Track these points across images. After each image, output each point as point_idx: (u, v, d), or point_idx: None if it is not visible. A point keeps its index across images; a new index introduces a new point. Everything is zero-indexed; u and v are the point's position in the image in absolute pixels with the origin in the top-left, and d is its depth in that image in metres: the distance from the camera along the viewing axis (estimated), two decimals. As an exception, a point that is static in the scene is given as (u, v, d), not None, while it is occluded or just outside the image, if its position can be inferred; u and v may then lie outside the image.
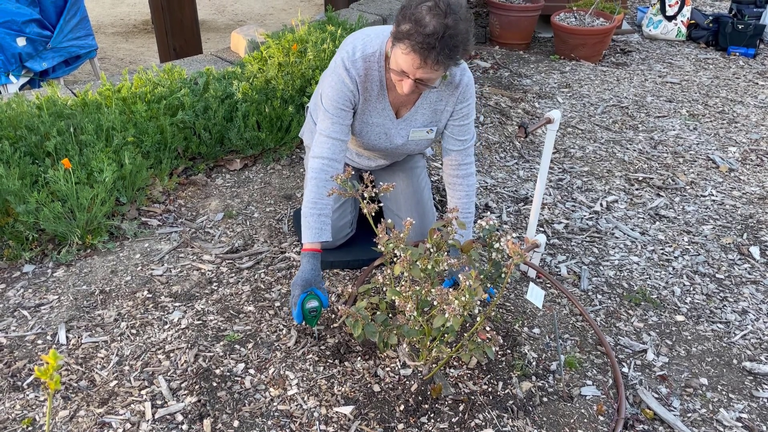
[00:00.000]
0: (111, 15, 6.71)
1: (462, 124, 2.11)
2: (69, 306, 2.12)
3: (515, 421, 1.76)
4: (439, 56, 1.71)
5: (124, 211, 2.57)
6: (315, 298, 1.90)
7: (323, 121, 2.01)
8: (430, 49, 1.69)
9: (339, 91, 1.96)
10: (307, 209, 1.97)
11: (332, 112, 1.98)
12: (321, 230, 1.96)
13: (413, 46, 1.71)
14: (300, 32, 3.38)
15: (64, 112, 2.70)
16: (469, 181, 2.17)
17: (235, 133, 2.94)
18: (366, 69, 1.97)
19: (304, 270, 1.92)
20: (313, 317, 1.91)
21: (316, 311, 1.91)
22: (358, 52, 1.95)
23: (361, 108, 2.05)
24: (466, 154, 2.15)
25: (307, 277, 1.91)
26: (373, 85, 2.00)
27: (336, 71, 1.97)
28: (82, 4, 4.38)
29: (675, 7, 5.36)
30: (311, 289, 1.91)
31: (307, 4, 7.26)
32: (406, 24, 1.72)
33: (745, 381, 1.99)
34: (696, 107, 4.13)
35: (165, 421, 1.71)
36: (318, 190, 1.97)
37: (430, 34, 1.67)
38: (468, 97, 2.06)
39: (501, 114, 3.81)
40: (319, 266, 1.95)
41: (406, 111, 2.08)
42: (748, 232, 2.78)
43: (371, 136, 2.12)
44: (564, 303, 2.27)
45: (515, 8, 4.99)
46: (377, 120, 2.08)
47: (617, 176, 3.22)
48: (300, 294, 1.89)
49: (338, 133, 2.00)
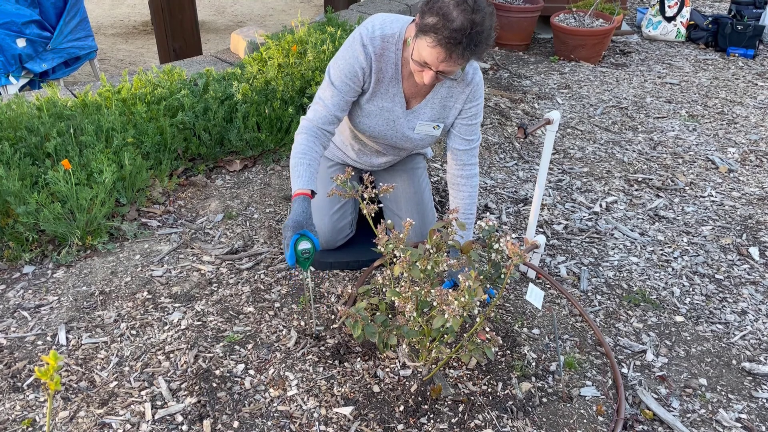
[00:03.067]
0: (111, 16, 6.71)
1: (470, 123, 2.10)
2: (69, 307, 2.12)
3: (515, 421, 1.77)
4: (465, 51, 1.71)
5: (124, 212, 2.57)
6: (307, 239, 1.85)
7: (325, 89, 1.99)
8: (456, 44, 1.69)
9: (350, 65, 1.95)
10: (297, 159, 1.94)
11: (337, 84, 1.96)
12: (311, 178, 1.92)
13: (440, 40, 1.70)
14: (300, 33, 3.39)
15: (64, 114, 2.71)
16: (473, 182, 2.17)
17: (235, 134, 2.94)
18: (383, 48, 1.95)
19: (296, 212, 1.88)
20: (306, 259, 1.86)
21: (309, 253, 1.86)
22: (378, 31, 1.94)
23: (372, 89, 2.02)
24: (472, 154, 2.15)
25: (299, 219, 1.86)
26: (388, 67, 1.99)
27: (353, 45, 1.94)
28: (81, 6, 4.38)
29: (674, 8, 5.37)
30: (303, 231, 1.86)
31: (306, 6, 7.26)
32: (432, 17, 1.70)
33: (744, 381, 1.99)
34: (695, 108, 4.14)
35: (165, 422, 1.72)
36: (307, 142, 1.95)
37: (458, 29, 1.67)
38: (478, 97, 2.07)
39: (501, 115, 3.81)
40: (310, 209, 1.90)
41: (416, 103, 2.08)
42: (748, 232, 2.79)
43: (379, 121, 2.09)
44: (563, 304, 2.27)
45: (515, 9, 5.00)
46: (387, 105, 2.06)
47: (617, 177, 3.22)
48: (292, 236, 1.84)
49: (335, 106, 1.98)
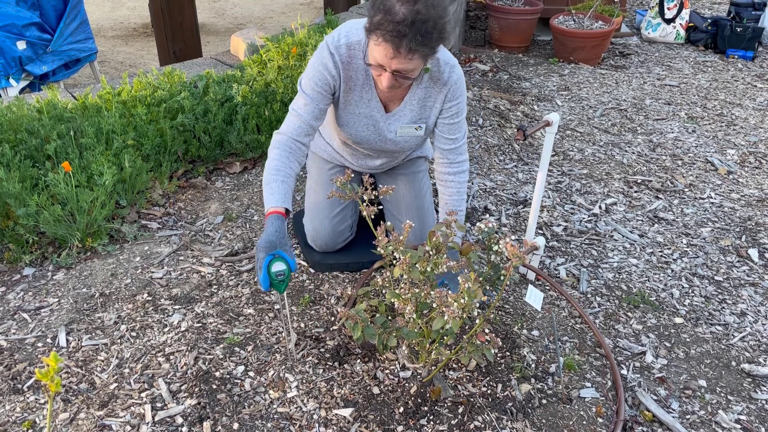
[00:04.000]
0: (111, 18, 6.72)
1: (452, 122, 2.08)
2: (69, 309, 2.13)
3: (514, 423, 1.77)
4: (411, 43, 1.68)
5: (124, 214, 2.57)
6: (281, 260, 1.76)
7: (298, 99, 2.00)
8: (401, 36, 1.67)
9: (319, 73, 1.95)
10: (270, 176, 1.89)
11: (308, 92, 1.97)
12: (285, 196, 1.87)
13: (384, 36, 1.69)
14: (299, 35, 3.39)
15: (64, 116, 2.71)
16: (460, 178, 2.16)
17: (235, 136, 2.94)
18: (350, 57, 1.96)
19: (268, 233, 1.79)
20: (281, 281, 1.76)
21: (284, 275, 1.76)
22: (343, 39, 1.95)
23: (344, 97, 2.03)
24: (458, 152, 2.14)
25: (272, 239, 1.77)
26: (357, 74, 1.99)
27: (320, 54, 1.96)
28: (82, 8, 4.39)
29: (673, 10, 5.38)
30: (277, 252, 1.76)
31: (306, 8, 7.27)
32: (377, 15, 1.70)
33: (743, 383, 2.00)
34: (695, 110, 4.14)
35: (165, 424, 1.72)
36: (280, 158, 1.92)
37: (400, 21, 1.65)
38: (458, 96, 2.03)
39: (500, 117, 3.82)
40: (284, 229, 1.82)
41: (395, 106, 2.07)
42: (747, 234, 2.79)
43: (359, 127, 2.09)
44: (563, 305, 2.27)
45: (514, 11, 5.00)
46: (364, 111, 2.06)
47: (616, 179, 3.23)
48: (265, 257, 1.75)
49: (309, 115, 1.97)
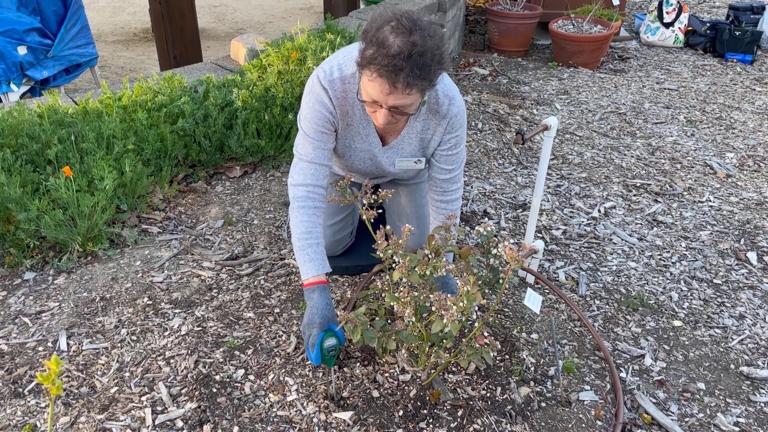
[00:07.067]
0: (111, 23, 6.74)
1: (450, 153, 1.98)
2: (70, 313, 2.13)
3: (513, 426, 1.77)
4: (408, 78, 1.55)
5: (124, 218, 2.58)
6: (333, 334, 1.73)
7: (303, 145, 1.88)
8: (397, 71, 1.53)
9: (318, 113, 1.83)
10: (303, 241, 1.81)
11: (312, 135, 1.85)
12: (323, 261, 1.82)
13: (378, 71, 1.55)
14: (299, 40, 3.41)
15: (65, 121, 2.72)
16: (453, 206, 2.09)
17: (235, 141, 2.95)
18: (344, 91, 1.82)
19: (319, 306, 1.75)
20: (332, 356, 1.75)
21: (335, 350, 1.75)
22: (336, 72, 1.80)
23: (342, 132, 1.92)
24: (453, 181, 2.05)
25: (325, 314, 1.75)
26: (354, 109, 1.86)
27: (313, 91, 1.82)
28: (82, 13, 4.41)
29: (672, 14, 5.40)
30: (328, 326, 1.75)
31: (306, 13, 7.30)
32: (369, 48, 1.57)
33: (742, 386, 2.00)
34: (693, 113, 4.15)
35: (165, 427, 1.72)
36: (309, 219, 1.84)
37: (396, 55, 1.52)
38: (457, 128, 1.92)
39: (499, 121, 3.83)
40: (331, 300, 1.80)
41: (393, 139, 1.96)
42: (746, 237, 2.80)
43: (355, 160, 2.01)
44: (562, 308, 2.28)
45: (513, 15, 5.02)
46: (361, 146, 1.96)
47: (615, 182, 3.24)
48: (318, 333, 1.72)
49: (320, 158, 1.87)
